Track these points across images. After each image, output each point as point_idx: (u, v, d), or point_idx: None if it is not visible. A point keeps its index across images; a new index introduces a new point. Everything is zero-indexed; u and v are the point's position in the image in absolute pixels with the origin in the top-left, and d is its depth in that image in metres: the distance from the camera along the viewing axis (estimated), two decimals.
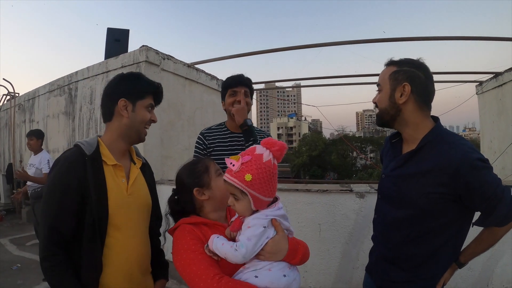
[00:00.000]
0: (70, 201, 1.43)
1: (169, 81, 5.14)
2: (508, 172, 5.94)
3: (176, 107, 5.30)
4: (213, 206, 1.50)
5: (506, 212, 1.45)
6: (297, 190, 3.61)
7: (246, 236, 1.25)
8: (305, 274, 3.57)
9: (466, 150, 1.46)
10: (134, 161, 1.76)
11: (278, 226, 1.32)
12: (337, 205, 3.50)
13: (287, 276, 1.29)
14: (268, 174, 1.27)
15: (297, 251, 1.38)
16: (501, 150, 6.19)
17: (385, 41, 5.76)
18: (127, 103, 1.60)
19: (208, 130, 2.50)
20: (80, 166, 1.48)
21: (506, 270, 3.59)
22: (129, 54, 5.01)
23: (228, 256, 1.24)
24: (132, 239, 1.59)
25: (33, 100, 8.00)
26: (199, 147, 2.44)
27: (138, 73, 1.72)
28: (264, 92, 27.29)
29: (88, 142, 1.57)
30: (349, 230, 3.48)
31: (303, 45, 5.93)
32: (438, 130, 1.58)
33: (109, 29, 5.85)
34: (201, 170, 1.51)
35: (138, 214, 1.65)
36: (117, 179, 1.58)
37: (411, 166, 1.58)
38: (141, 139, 1.70)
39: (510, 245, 3.57)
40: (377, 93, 1.73)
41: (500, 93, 6.33)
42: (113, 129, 1.64)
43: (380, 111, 1.71)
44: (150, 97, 1.67)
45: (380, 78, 1.71)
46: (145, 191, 1.74)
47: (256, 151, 1.29)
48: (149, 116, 1.66)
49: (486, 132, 7.13)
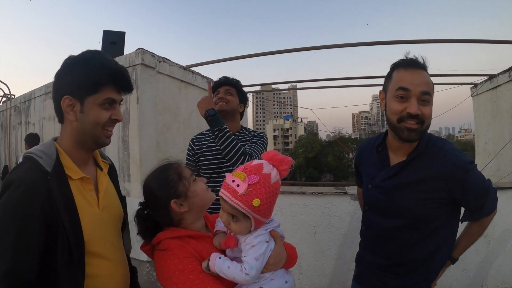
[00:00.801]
0: (32, 237, 1.08)
1: (165, 84, 5.13)
2: (502, 173, 5.96)
3: (172, 109, 5.30)
4: (194, 216, 1.37)
5: (493, 204, 1.60)
6: (292, 192, 3.64)
7: (253, 257, 1.20)
8: (300, 276, 3.59)
9: (457, 155, 1.49)
10: (100, 166, 1.42)
11: (276, 237, 1.31)
12: (331, 208, 3.52)
13: (288, 282, 1.31)
14: (275, 196, 1.22)
15: (293, 255, 1.39)
16: (495, 152, 6.22)
17: (380, 44, 5.78)
18: (73, 101, 1.21)
19: (199, 135, 2.47)
20: (42, 189, 1.11)
21: (501, 271, 3.61)
22: (125, 57, 4.99)
23: (238, 279, 1.19)
24: (112, 262, 1.31)
25: (29, 102, 7.96)
26: (188, 153, 2.43)
27: (90, 55, 1.27)
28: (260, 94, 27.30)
29: (45, 152, 1.20)
30: (344, 232, 3.50)
31: (300, 47, 5.93)
32: (428, 139, 1.57)
33: (105, 32, 5.82)
34: (175, 179, 1.32)
35: (114, 230, 1.38)
36: (86, 194, 1.26)
37: (405, 176, 1.54)
38: (101, 144, 1.33)
39: (504, 246, 3.60)
40: (421, 104, 1.46)
41: (495, 95, 6.36)
42: (66, 134, 1.28)
43: (426, 128, 1.51)
44: (107, 89, 1.24)
45: (430, 86, 1.48)
46: (116, 201, 1.45)
47: (264, 170, 1.21)
48: (106, 115, 1.26)
49: (481, 133, 7.16)
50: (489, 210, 1.60)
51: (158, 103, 4.91)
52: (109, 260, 1.29)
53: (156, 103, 4.87)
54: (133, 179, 4.85)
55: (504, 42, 5.80)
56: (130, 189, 4.90)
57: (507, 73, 5.84)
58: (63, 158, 1.23)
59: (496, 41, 5.92)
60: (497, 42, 5.89)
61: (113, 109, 1.28)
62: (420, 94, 1.42)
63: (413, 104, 1.42)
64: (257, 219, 1.20)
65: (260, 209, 1.17)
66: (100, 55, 1.28)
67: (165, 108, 5.11)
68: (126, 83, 1.31)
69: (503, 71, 6.01)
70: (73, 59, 1.26)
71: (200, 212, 1.40)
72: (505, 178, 5.72)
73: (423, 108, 1.44)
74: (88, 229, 1.20)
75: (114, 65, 1.28)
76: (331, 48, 5.95)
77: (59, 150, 1.24)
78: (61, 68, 1.25)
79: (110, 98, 1.25)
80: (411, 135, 1.47)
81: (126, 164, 4.97)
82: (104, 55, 1.30)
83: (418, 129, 1.46)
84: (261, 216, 1.21)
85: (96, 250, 1.23)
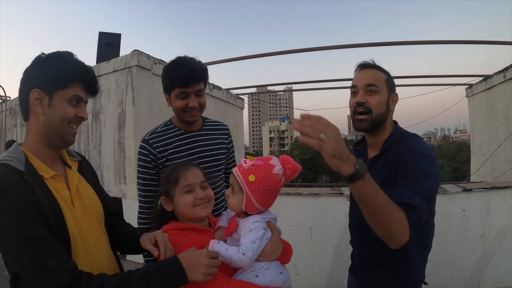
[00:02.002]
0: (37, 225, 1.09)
1: (160, 86, 5.11)
2: (498, 173, 5.99)
3: (168, 111, 5.27)
4: (181, 219, 1.45)
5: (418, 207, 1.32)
6: (288, 193, 3.64)
7: (250, 239, 1.26)
8: (297, 277, 3.59)
9: (416, 146, 1.53)
10: (69, 164, 1.38)
11: (273, 228, 1.37)
12: (328, 208, 3.53)
13: (283, 273, 1.35)
14: (270, 185, 1.28)
15: (288, 250, 1.43)
16: (490, 152, 6.25)
17: (375, 46, 5.81)
18: (42, 95, 1.21)
19: (153, 135, 1.93)
20: (23, 187, 1.11)
21: (497, 270, 3.63)
22: (120, 59, 5.00)
23: (235, 261, 1.24)
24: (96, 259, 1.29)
25: None
26: (144, 159, 1.89)
27: (62, 53, 1.29)
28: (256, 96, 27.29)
29: (13, 156, 1.18)
30: (340, 233, 3.51)
31: (296, 49, 5.96)
32: (399, 132, 1.65)
33: (100, 33, 5.82)
34: (171, 181, 1.43)
35: (93, 228, 1.34)
36: (61, 192, 1.24)
37: (375, 170, 1.57)
38: (67, 142, 1.29)
39: (500, 245, 3.62)
40: (367, 94, 1.59)
41: (490, 95, 6.40)
42: (32, 131, 1.26)
43: (376, 115, 1.59)
44: (76, 86, 1.26)
45: (376, 79, 1.61)
46: (92, 197, 1.40)
47: (271, 161, 1.32)
48: (73, 112, 1.25)
49: (476, 134, 7.20)
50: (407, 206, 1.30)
51: (154, 105, 4.91)
52: (92, 258, 1.28)
53: (152, 105, 4.87)
54: (129, 181, 4.83)
55: (499, 43, 5.85)
56: (126, 191, 4.89)
57: (502, 74, 5.88)
58: (32, 159, 1.22)
59: (492, 42, 5.98)
60: (492, 43, 5.94)
61: (79, 107, 1.28)
62: (365, 86, 1.59)
63: (359, 95, 1.60)
64: (249, 196, 1.28)
65: (252, 186, 1.26)
66: (71, 55, 1.30)
67: (161, 109, 5.11)
68: (93, 84, 1.33)
69: (498, 72, 6.05)
70: (45, 56, 1.26)
71: (187, 220, 1.43)
72: (500, 178, 5.75)
73: (369, 97, 1.58)
74: (72, 225, 1.21)
75: (84, 65, 1.30)
76: (327, 49, 5.99)
77: (26, 153, 1.22)
78: (31, 63, 1.26)
79: (78, 95, 1.26)
80: (362, 125, 1.61)
81: (122, 166, 4.95)
82: (75, 56, 1.32)
83: (368, 118, 1.59)
84: (253, 196, 1.28)
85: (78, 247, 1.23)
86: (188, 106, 1.82)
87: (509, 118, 5.71)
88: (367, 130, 1.65)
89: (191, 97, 1.82)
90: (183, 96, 1.82)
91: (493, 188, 3.68)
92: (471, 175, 7.48)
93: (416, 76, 7.02)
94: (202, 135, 1.98)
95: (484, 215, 3.63)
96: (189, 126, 1.96)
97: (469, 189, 3.64)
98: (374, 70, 1.65)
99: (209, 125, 2.08)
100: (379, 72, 1.65)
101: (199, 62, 1.88)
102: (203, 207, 1.42)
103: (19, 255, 1.07)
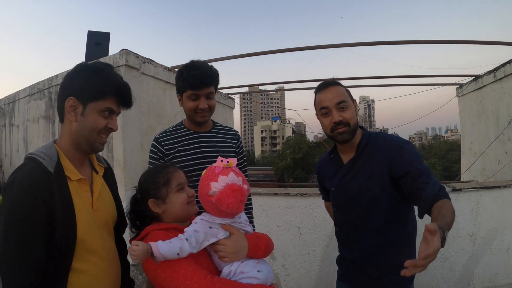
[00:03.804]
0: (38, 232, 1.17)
1: (149, 85, 5.09)
2: (488, 173, 6.02)
3: (157, 111, 5.25)
4: (170, 219, 1.46)
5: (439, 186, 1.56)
6: (276, 194, 3.63)
7: (192, 229, 1.34)
8: (286, 278, 3.57)
9: (391, 137, 1.80)
10: (96, 169, 1.48)
11: (230, 228, 1.40)
12: (316, 209, 3.51)
13: (261, 271, 1.37)
14: (226, 212, 1.35)
15: (259, 244, 1.45)
16: (481, 152, 6.28)
17: (366, 45, 5.80)
18: (76, 103, 1.30)
19: (164, 134, 2.10)
20: (45, 188, 1.20)
21: (487, 269, 3.64)
22: (109, 58, 4.93)
23: (183, 248, 1.25)
24: (104, 260, 1.38)
25: (13, 104, 7.82)
26: (153, 156, 2.05)
27: (103, 66, 1.40)
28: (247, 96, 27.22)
29: (46, 153, 1.28)
30: (329, 234, 3.49)
31: (288, 48, 5.93)
32: (368, 134, 1.82)
33: (89, 32, 5.76)
34: (161, 182, 1.44)
35: (106, 230, 1.45)
36: (82, 195, 1.34)
37: (357, 169, 1.78)
38: (95, 149, 1.40)
39: (489, 244, 3.62)
40: (340, 111, 1.74)
41: (480, 95, 6.43)
42: (65, 133, 1.36)
43: (354, 125, 1.76)
44: (109, 99, 1.35)
45: (343, 95, 1.76)
46: (111, 203, 1.51)
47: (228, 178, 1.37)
48: (104, 123, 1.35)
49: (467, 133, 7.24)
50: (437, 190, 1.52)
51: (142, 105, 4.86)
52: (101, 258, 1.36)
53: (140, 105, 4.81)
54: (118, 181, 4.75)
55: (490, 43, 5.87)
56: None
57: (492, 74, 5.91)
58: (63, 159, 1.31)
59: (482, 42, 6.00)
60: (483, 43, 5.96)
61: (110, 119, 1.37)
62: (336, 105, 1.73)
63: (334, 115, 1.73)
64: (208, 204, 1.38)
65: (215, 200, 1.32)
66: (110, 68, 1.40)
67: (150, 109, 5.06)
68: (127, 99, 1.41)
69: (488, 72, 6.08)
70: (85, 65, 1.38)
71: (176, 219, 1.46)
72: (491, 177, 5.78)
73: (343, 113, 1.73)
74: (83, 228, 1.27)
75: (120, 79, 1.39)
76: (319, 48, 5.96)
77: (58, 151, 1.32)
78: (72, 70, 1.36)
79: (110, 108, 1.35)
80: (344, 136, 1.75)
81: None
82: (113, 69, 1.41)
83: (347, 130, 1.74)
84: (207, 208, 1.40)
85: (90, 247, 1.31)
86: (198, 107, 1.95)
87: (499, 117, 5.74)
88: (348, 140, 1.77)
89: (201, 99, 1.95)
90: (194, 98, 1.96)
91: (482, 187, 3.69)
92: (462, 174, 7.52)
93: (407, 76, 7.02)
94: (210, 137, 2.08)
95: (474, 215, 3.64)
96: (199, 127, 2.08)
97: (458, 189, 3.65)
98: (336, 87, 1.79)
99: (219, 129, 2.18)
100: (340, 87, 1.79)
101: (211, 66, 2.02)
102: (193, 204, 1.49)
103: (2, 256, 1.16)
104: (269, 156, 60.43)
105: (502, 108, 5.67)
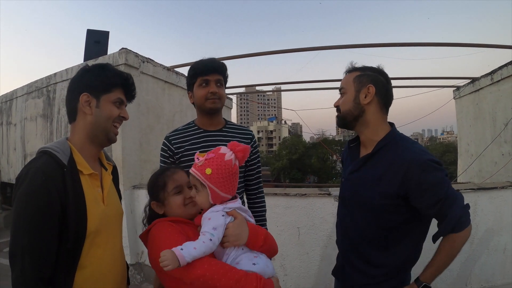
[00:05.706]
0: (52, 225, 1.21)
1: (148, 85, 5.08)
2: (485, 174, 6.06)
3: (156, 110, 5.24)
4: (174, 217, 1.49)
5: (459, 214, 1.49)
6: (276, 194, 3.62)
7: (210, 227, 1.31)
8: (285, 278, 3.57)
9: (416, 152, 1.54)
10: (105, 166, 1.56)
11: (235, 213, 1.41)
12: (315, 209, 3.51)
13: (257, 264, 1.35)
14: (227, 172, 1.36)
15: (258, 233, 1.45)
16: (477, 153, 6.32)
17: (364, 47, 5.83)
18: (90, 98, 1.41)
19: (174, 132, 2.10)
20: (59, 180, 1.25)
21: (484, 270, 3.65)
22: (108, 57, 4.93)
23: (207, 249, 1.27)
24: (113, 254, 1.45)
25: (11, 102, 7.78)
26: (164, 155, 2.06)
27: (104, 64, 1.52)
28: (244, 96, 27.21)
29: (60, 148, 1.34)
30: (328, 234, 3.49)
31: (286, 49, 5.95)
32: (394, 134, 1.66)
33: (89, 31, 5.75)
34: (159, 185, 1.50)
35: (115, 225, 1.52)
36: (94, 190, 1.40)
37: (367, 169, 1.67)
38: (111, 139, 1.49)
39: (487, 245, 3.64)
40: (339, 97, 1.77)
41: (477, 97, 6.47)
42: (79, 130, 1.43)
43: (343, 112, 1.73)
44: (118, 91, 1.47)
45: (344, 82, 1.76)
46: (118, 200, 1.60)
47: (220, 150, 1.39)
48: (117, 112, 1.46)
49: (463, 135, 7.28)
50: (455, 222, 1.47)
51: (141, 104, 4.86)
52: (110, 252, 1.43)
53: (139, 104, 4.81)
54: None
55: (487, 46, 5.91)
56: None
57: (489, 77, 5.95)
58: (75, 154, 1.38)
59: (480, 45, 6.03)
60: (480, 46, 6.00)
61: (121, 109, 1.49)
62: (339, 91, 1.79)
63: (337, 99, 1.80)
64: (212, 188, 1.35)
65: (211, 177, 1.33)
66: (111, 65, 1.53)
67: (149, 109, 5.06)
68: (132, 89, 1.55)
69: (485, 75, 6.13)
70: (90, 66, 1.49)
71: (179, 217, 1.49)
72: (488, 179, 5.81)
73: (340, 99, 1.76)
74: (95, 221, 1.33)
75: (124, 73, 1.52)
76: (317, 50, 5.99)
77: (71, 147, 1.39)
78: (77, 73, 1.47)
79: (120, 98, 1.48)
80: (336, 121, 1.83)
81: None
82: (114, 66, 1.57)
83: (338, 116, 1.78)
84: (215, 186, 1.35)
85: (100, 241, 1.37)
86: (209, 92, 1.95)
87: (496, 120, 5.78)
88: (339, 125, 1.81)
89: (211, 84, 1.96)
90: (204, 84, 1.97)
91: (480, 189, 3.70)
92: (458, 175, 7.55)
93: (404, 78, 7.06)
94: (220, 135, 2.06)
95: (471, 216, 3.59)
96: (209, 126, 2.07)
97: (456, 190, 3.65)
98: (347, 75, 1.76)
99: (231, 128, 2.15)
100: (350, 74, 1.74)
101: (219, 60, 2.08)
102: (192, 205, 1.50)
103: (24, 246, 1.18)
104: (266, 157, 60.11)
105: (499, 110, 5.71)
